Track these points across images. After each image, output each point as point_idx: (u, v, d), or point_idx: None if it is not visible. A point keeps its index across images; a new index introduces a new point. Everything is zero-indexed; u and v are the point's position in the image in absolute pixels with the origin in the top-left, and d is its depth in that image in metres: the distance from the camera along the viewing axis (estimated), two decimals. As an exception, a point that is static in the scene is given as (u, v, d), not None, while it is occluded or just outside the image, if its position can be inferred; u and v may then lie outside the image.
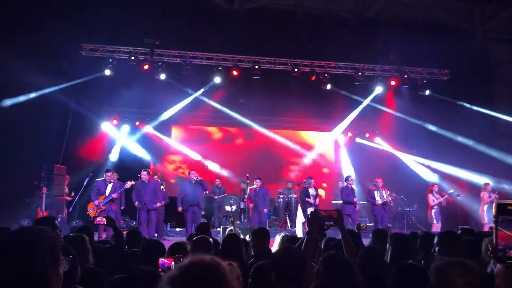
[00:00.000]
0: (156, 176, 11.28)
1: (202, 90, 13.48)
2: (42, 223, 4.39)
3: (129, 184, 10.39)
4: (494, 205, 1.36)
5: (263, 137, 15.23)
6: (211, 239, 3.82)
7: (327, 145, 15.84)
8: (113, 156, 13.54)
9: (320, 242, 4.07)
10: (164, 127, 14.39)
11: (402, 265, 2.62)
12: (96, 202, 10.09)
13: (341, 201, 12.62)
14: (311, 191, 11.70)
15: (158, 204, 10.58)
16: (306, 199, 11.53)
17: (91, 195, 10.32)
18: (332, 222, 3.32)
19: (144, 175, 10.58)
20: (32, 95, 11.23)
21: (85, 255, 3.48)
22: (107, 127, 13.61)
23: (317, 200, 11.71)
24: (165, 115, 13.97)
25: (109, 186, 10.32)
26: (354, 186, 11.93)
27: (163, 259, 3.02)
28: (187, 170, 12.84)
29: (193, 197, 10.80)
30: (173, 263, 2.99)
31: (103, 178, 10.42)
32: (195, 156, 14.38)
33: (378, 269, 3.12)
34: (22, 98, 11.12)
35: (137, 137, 14.05)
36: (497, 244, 1.33)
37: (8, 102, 10.98)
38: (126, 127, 14.02)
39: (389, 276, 2.56)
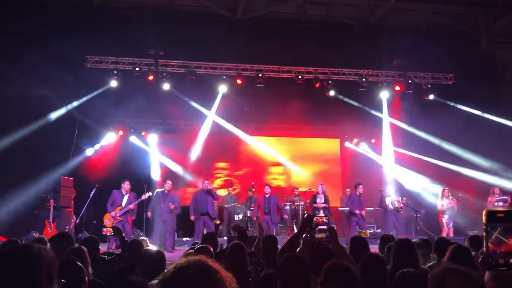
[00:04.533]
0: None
1: (215, 107, 13.54)
2: (58, 239, 4.46)
3: (146, 195, 10.47)
4: (484, 212, 1.36)
5: (269, 145, 15.26)
6: (211, 249, 3.85)
7: (333, 152, 15.82)
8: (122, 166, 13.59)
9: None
10: (169, 137, 14.44)
11: (405, 272, 2.61)
12: (113, 213, 10.15)
13: (347, 208, 12.58)
14: (319, 199, 11.72)
15: (172, 206, 10.64)
16: (314, 205, 11.57)
17: (106, 206, 10.35)
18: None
19: (168, 184, 10.79)
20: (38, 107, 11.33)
21: (85, 267, 3.52)
22: (113, 138, 13.68)
23: (323, 205, 11.67)
24: (170, 125, 14.06)
25: (126, 197, 10.38)
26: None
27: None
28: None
29: (203, 206, 10.88)
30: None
31: (119, 189, 10.48)
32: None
33: (380, 276, 3.10)
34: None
35: (143, 147, 14.11)
36: (488, 251, 1.33)
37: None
38: (132, 138, 14.09)
39: (393, 283, 2.55)
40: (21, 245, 1.72)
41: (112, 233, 5.67)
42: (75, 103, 11.97)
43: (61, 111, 11.64)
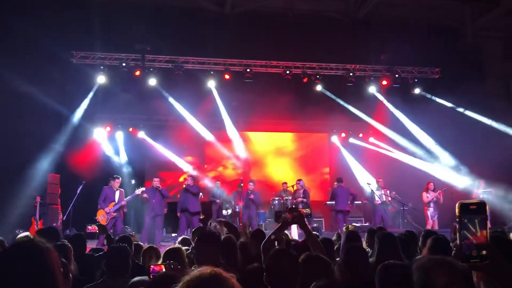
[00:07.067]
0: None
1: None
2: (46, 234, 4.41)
3: (139, 191, 10.47)
4: (457, 205, 1.39)
5: (257, 140, 15.27)
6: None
7: (322, 147, 15.89)
8: (109, 162, 13.51)
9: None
10: (158, 133, 14.34)
11: (389, 264, 2.63)
12: (107, 209, 10.12)
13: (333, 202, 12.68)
14: (300, 194, 12.04)
15: (165, 210, 10.94)
16: (298, 199, 11.88)
17: (98, 203, 10.28)
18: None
19: (156, 181, 10.76)
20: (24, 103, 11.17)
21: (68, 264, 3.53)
22: (100, 134, 13.56)
23: (301, 200, 11.97)
24: (158, 121, 14.00)
25: (117, 194, 10.37)
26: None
27: (153, 266, 3.03)
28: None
29: (184, 203, 11.03)
30: (164, 270, 2.99)
31: (109, 185, 10.43)
32: (185, 166, 14.34)
33: (362, 267, 3.13)
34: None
35: (130, 143, 14.02)
36: (461, 244, 1.35)
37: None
38: (119, 134, 13.98)
39: (376, 276, 2.57)
40: (27, 242, 1.68)
41: (97, 231, 5.62)
42: (61, 99, 11.80)
43: (47, 107, 11.45)
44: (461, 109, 13.31)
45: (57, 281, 1.53)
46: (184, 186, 11.38)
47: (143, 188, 10.64)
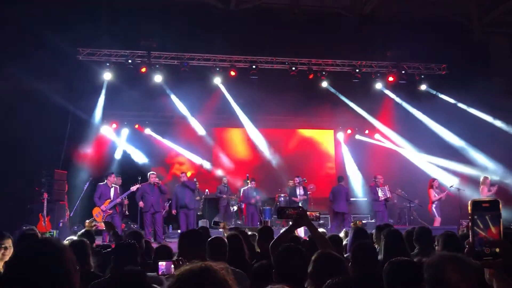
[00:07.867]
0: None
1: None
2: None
3: (134, 187, 10.44)
4: (469, 202, 1.37)
5: (263, 137, 15.24)
6: (225, 240, 3.89)
7: (327, 143, 15.86)
8: (115, 159, 13.56)
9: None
10: (164, 130, 14.36)
11: (397, 261, 2.62)
12: (103, 207, 10.11)
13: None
14: (299, 191, 11.96)
15: (167, 207, 10.93)
16: (293, 198, 11.91)
17: (94, 200, 10.30)
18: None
19: (152, 177, 10.66)
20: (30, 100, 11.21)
21: (86, 260, 3.53)
22: (106, 131, 13.59)
23: (303, 197, 11.96)
24: (164, 118, 14.04)
25: (112, 190, 10.35)
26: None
27: (161, 262, 3.03)
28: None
29: (182, 199, 11.00)
30: (172, 266, 2.99)
31: (104, 182, 10.42)
32: (196, 159, 14.41)
33: (371, 265, 3.12)
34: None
35: (137, 140, 14.04)
36: (474, 241, 1.34)
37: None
38: (125, 131, 14.01)
39: (384, 273, 2.56)
40: (43, 241, 1.70)
41: (104, 228, 5.64)
42: (67, 96, 11.83)
43: (53, 104, 11.48)
44: (467, 106, 13.21)
45: (73, 279, 1.54)
46: (182, 181, 11.34)
47: (139, 185, 10.58)
